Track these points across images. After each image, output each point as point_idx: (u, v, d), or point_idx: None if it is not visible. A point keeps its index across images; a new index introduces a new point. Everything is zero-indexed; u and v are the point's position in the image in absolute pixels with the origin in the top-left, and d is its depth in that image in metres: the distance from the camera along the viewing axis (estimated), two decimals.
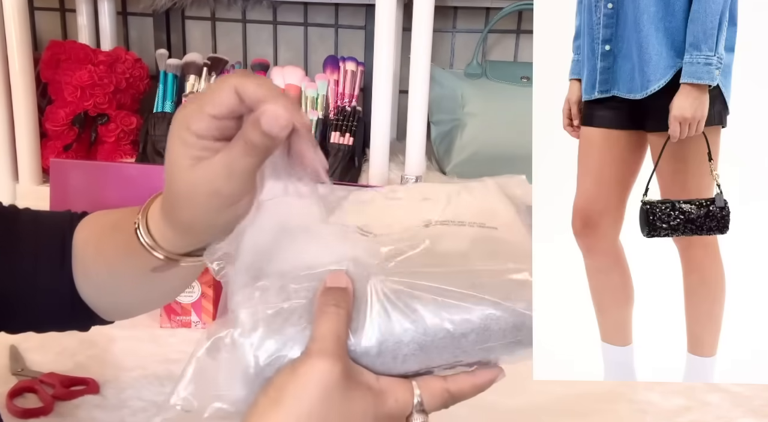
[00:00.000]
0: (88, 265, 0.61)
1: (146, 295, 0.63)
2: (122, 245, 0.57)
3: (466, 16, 1.46)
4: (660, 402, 0.87)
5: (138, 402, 0.87)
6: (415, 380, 0.47)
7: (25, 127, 1.25)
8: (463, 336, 0.46)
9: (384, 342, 0.46)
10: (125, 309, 0.67)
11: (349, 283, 0.46)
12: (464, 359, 0.48)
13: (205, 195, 0.48)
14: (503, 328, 0.47)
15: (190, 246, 0.55)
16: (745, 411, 0.86)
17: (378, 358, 0.46)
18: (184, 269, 0.57)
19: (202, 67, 1.30)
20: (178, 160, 0.48)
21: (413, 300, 0.46)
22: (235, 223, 0.50)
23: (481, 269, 0.48)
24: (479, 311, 0.46)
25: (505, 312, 0.46)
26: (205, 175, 0.47)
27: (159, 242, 0.54)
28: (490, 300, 0.46)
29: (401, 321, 0.46)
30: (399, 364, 0.47)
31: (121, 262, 0.58)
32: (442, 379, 0.48)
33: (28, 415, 0.82)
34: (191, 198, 0.49)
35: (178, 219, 0.51)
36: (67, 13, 1.53)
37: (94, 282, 0.61)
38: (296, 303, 0.47)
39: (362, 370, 0.46)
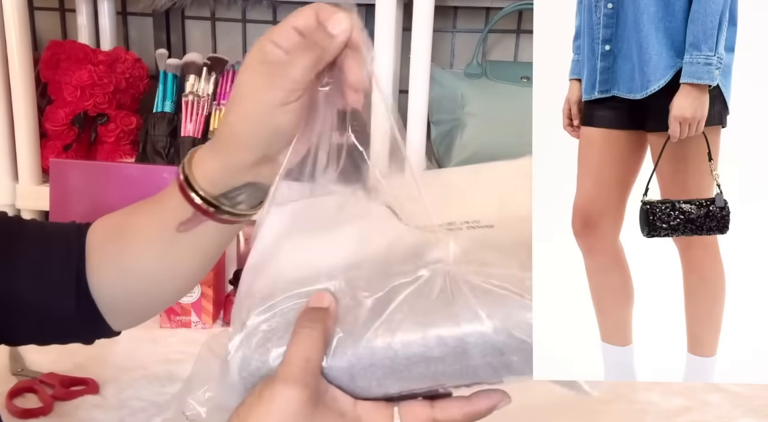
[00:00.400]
0: (107, 255, 0.61)
1: (166, 282, 0.63)
2: (152, 213, 0.59)
3: (466, 16, 1.46)
4: (660, 402, 0.88)
5: (138, 402, 0.87)
6: (399, 405, 0.45)
7: (25, 127, 1.25)
8: (439, 359, 0.43)
9: (355, 366, 0.44)
10: (142, 308, 0.66)
11: (332, 303, 0.45)
12: (447, 382, 0.45)
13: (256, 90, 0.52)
14: (483, 351, 0.43)
15: (229, 182, 0.56)
16: (745, 411, 0.86)
17: (354, 382, 0.44)
18: (208, 237, 0.58)
19: (202, 66, 1.29)
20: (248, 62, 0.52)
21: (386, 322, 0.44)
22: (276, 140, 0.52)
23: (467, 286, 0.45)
24: (456, 332, 0.43)
25: (484, 333, 0.43)
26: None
27: (200, 182, 0.56)
28: (467, 321, 0.43)
29: (371, 343, 0.44)
30: (377, 388, 0.44)
31: (148, 232, 0.59)
32: (428, 405, 0.45)
33: (28, 415, 0.82)
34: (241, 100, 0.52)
35: (225, 129, 0.54)
36: (67, 13, 1.52)
37: (114, 273, 0.61)
38: (280, 322, 0.46)
39: (337, 395, 0.44)
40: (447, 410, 0.45)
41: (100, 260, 0.61)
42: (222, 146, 0.55)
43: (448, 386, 0.45)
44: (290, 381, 0.42)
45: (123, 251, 0.61)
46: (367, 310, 0.45)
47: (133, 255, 0.61)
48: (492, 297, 0.44)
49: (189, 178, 0.56)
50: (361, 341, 0.44)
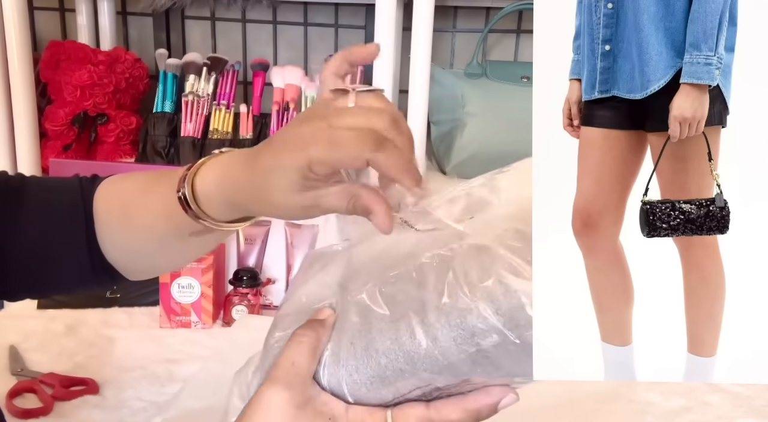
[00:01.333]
0: (114, 230, 0.62)
1: (177, 256, 0.64)
2: (158, 209, 0.58)
3: (466, 15, 1.46)
4: (660, 402, 0.88)
5: (138, 402, 0.87)
6: (391, 409, 0.45)
7: (25, 127, 1.25)
8: (417, 359, 0.43)
9: (343, 375, 0.45)
10: (152, 270, 0.68)
11: (331, 316, 0.46)
12: (435, 383, 0.44)
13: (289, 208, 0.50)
14: (455, 339, 0.43)
15: (239, 216, 0.56)
16: (745, 411, 0.86)
17: (344, 389, 0.45)
18: (225, 231, 0.58)
19: (202, 66, 1.29)
20: (286, 185, 0.48)
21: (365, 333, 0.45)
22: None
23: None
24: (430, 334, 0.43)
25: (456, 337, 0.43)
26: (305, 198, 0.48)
27: (206, 210, 0.55)
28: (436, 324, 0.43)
29: (355, 350, 0.44)
30: (368, 394, 0.45)
31: (154, 227, 0.59)
32: (423, 406, 0.45)
33: (28, 415, 0.82)
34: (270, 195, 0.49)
35: (244, 206, 0.53)
36: (67, 13, 1.52)
37: (121, 246, 0.63)
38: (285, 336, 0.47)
39: (329, 400, 0.45)
40: (442, 409, 0.45)
41: (109, 231, 0.63)
42: (231, 202, 0.54)
43: (441, 387, 0.45)
44: (273, 382, 0.44)
45: (130, 234, 0.62)
46: (353, 317, 0.46)
47: (140, 241, 0.62)
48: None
49: (196, 210, 0.55)
50: (347, 351, 0.45)
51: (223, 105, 1.29)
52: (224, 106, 1.29)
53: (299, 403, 0.43)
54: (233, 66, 1.34)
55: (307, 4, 1.47)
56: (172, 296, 1.09)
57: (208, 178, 0.55)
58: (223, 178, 0.54)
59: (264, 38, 1.51)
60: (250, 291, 1.12)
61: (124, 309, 1.15)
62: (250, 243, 1.21)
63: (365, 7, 1.44)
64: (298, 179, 0.47)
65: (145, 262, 0.65)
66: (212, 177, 0.55)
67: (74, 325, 1.07)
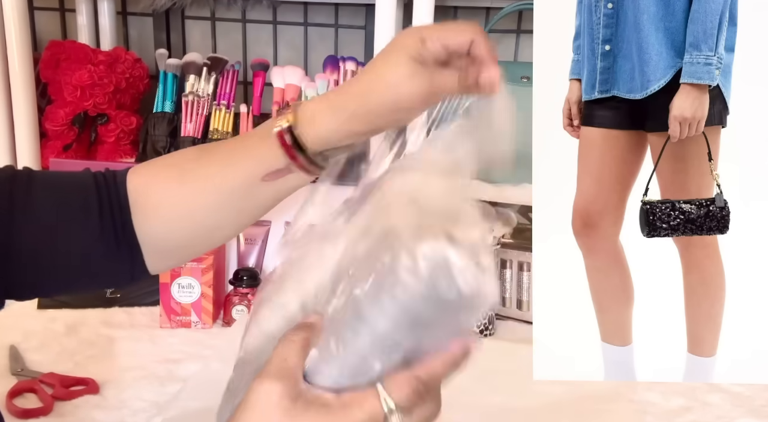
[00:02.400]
0: (165, 201, 0.62)
1: (233, 218, 0.64)
2: (225, 160, 0.61)
3: (466, 16, 1.46)
4: (660, 402, 0.87)
5: (138, 402, 0.87)
6: (381, 382, 0.46)
7: (25, 127, 1.25)
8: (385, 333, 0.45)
9: (331, 372, 0.46)
10: (188, 250, 0.67)
11: (318, 320, 0.48)
12: (408, 345, 0.46)
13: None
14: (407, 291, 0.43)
15: (335, 143, 0.59)
16: (745, 411, 0.86)
17: (334, 381, 0.46)
18: (285, 186, 0.60)
19: (202, 66, 1.29)
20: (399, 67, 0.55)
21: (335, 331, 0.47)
22: (398, 123, 0.58)
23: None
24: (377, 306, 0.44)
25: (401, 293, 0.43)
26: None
27: (311, 139, 0.58)
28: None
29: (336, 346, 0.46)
30: (355, 378, 0.46)
31: (220, 177, 0.61)
32: (407, 369, 0.47)
33: (28, 415, 0.82)
34: (380, 83, 0.56)
35: (357, 111, 0.57)
36: (67, 13, 1.52)
37: (170, 216, 0.62)
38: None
39: (320, 392, 0.46)
40: (425, 366, 0.46)
41: (158, 203, 0.62)
42: (344, 113, 0.58)
43: (417, 350, 0.46)
44: (265, 376, 0.45)
45: (187, 196, 0.62)
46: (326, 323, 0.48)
47: (199, 201, 0.62)
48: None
49: (295, 135, 0.58)
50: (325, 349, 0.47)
51: (224, 105, 1.29)
52: (224, 106, 1.29)
53: (292, 395, 0.45)
54: (233, 66, 1.34)
55: (307, 4, 1.47)
56: (172, 296, 1.09)
57: (311, 105, 0.59)
58: (331, 97, 0.59)
59: (264, 38, 1.51)
60: (250, 291, 1.12)
61: (125, 309, 1.15)
62: (250, 243, 1.21)
63: (365, 7, 1.44)
64: (413, 55, 0.54)
65: (188, 237, 0.64)
66: (316, 103, 0.59)
67: (74, 325, 1.07)
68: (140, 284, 1.18)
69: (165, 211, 0.62)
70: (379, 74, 0.56)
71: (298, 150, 0.58)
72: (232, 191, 0.61)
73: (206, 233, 0.65)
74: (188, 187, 0.62)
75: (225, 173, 0.61)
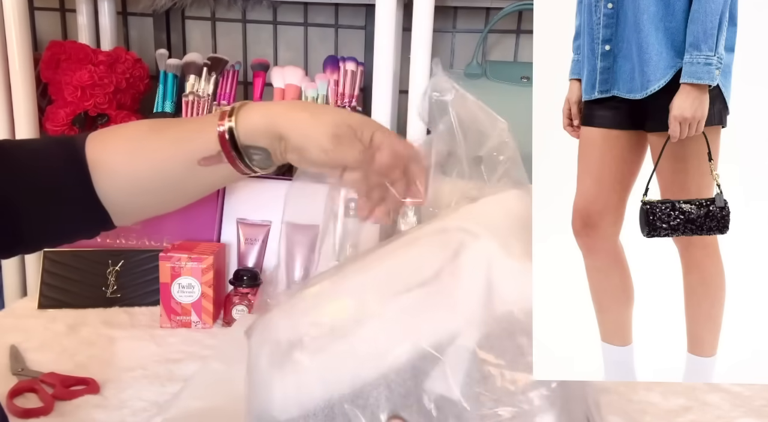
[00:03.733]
0: (119, 170, 0.67)
1: (181, 193, 0.70)
2: (178, 143, 0.66)
3: (466, 16, 1.46)
4: (660, 402, 0.88)
5: (138, 402, 0.87)
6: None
7: (25, 127, 1.25)
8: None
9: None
10: (149, 210, 0.72)
11: None
12: None
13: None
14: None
15: (257, 141, 0.66)
16: (745, 411, 0.86)
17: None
18: (218, 176, 0.67)
19: (202, 67, 1.29)
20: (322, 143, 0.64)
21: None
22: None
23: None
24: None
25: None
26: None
27: (240, 130, 0.65)
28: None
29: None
30: None
31: (168, 159, 0.66)
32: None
33: (28, 415, 0.82)
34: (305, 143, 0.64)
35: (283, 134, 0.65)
36: (67, 13, 1.52)
37: (123, 186, 0.67)
38: None
39: None
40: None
41: (111, 172, 0.66)
42: (273, 127, 0.65)
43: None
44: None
45: (138, 168, 0.67)
46: None
47: (149, 173, 0.67)
48: None
49: (232, 127, 0.65)
50: None
51: (224, 105, 1.29)
52: (224, 106, 1.29)
53: None
54: (233, 66, 1.34)
55: (307, 5, 1.47)
56: (172, 296, 1.09)
57: (252, 109, 0.66)
58: (271, 104, 0.66)
59: (264, 38, 1.51)
60: (250, 291, 1.12)
61: (125, 309, 1.15)
62: (250, 243, 1.21)
63: (365, 8, 1.44)
64: (341, 135, 0.62)
65: (142, 203, 0.70)
66: (257, 107, 0.66)
67: (75, 325, 1.07)
68: (141, 284, 1.18)
69: (117, 180, 0.67)
70: (305, 138, 0.63)
71: (231, 141, 0.64)
72: (173, 170, 0.66)
73: (154, 203, 0.71)
74: (136, 162, 0.67)
75: (171, 150, 0.66)
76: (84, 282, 1.17)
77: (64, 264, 1.17)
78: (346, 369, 0.49)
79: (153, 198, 0.69)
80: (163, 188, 0.68)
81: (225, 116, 0.65)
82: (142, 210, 0.71)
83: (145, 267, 1.19)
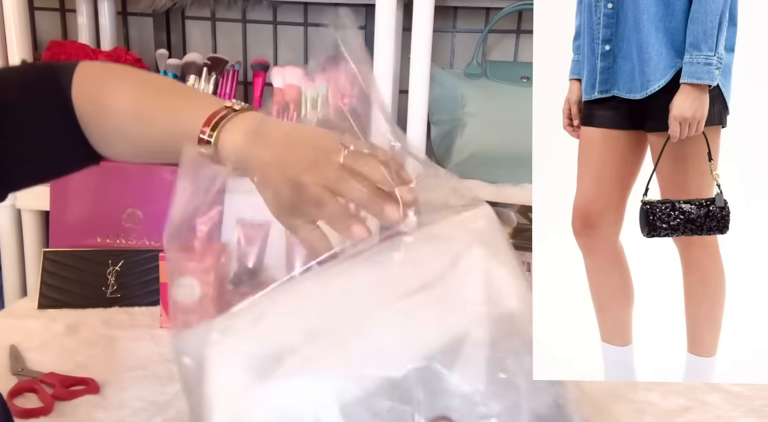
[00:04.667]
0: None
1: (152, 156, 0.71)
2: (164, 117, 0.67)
3: (466, 16, 1.46)
4: (660, 402, 0.88)
5: (138, 402, 0.87)
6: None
7: None
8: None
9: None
10: (137, 154, 0.72)
11: None
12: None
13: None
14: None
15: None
16: (745, 411, 0.86)
17: None
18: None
19: (202, 67, 1.29)
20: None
21: None
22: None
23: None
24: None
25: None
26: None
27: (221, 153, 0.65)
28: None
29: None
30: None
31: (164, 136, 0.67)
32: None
33: (29, 415, 0.82)
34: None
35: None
36: (67, 13, 1.52)
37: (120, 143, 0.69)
38: None
39: None
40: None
41: (114, 126, 0.67)
42: (240, 164, 0.65)
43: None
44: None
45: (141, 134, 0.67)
46: None
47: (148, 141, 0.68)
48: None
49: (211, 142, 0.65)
50: None
51: None
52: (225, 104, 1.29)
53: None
54: (233, 66, 1.34)
55: (307, 5, 1.47)
56: None
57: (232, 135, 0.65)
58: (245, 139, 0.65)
59: (264, 38, 1.51)
60: (250, 291, 1.12)
61: (125, 309, 1.15)
62: (250, 243, 1.21)
63: (365, 8, 1.44)
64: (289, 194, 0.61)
65: (129, 152, 0.70)
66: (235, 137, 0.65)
67: (75, 325, 1.07)
68: (141, 284, 1.18)
69: (117, 137, 0.68)
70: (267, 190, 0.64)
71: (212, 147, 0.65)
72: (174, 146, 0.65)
73: (141, 156, 0.71)
74: (140, 127, 0.67)
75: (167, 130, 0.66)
76: (84, 282, 1.17)
77: (64, 264, 1.17)
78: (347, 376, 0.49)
79: (147, 154, 0.70)
80: (161, 153, 0.69)
81: (210, 123, 0.65)
82: (129, 157, 0.72)
83: (145, 267, 1.19)
